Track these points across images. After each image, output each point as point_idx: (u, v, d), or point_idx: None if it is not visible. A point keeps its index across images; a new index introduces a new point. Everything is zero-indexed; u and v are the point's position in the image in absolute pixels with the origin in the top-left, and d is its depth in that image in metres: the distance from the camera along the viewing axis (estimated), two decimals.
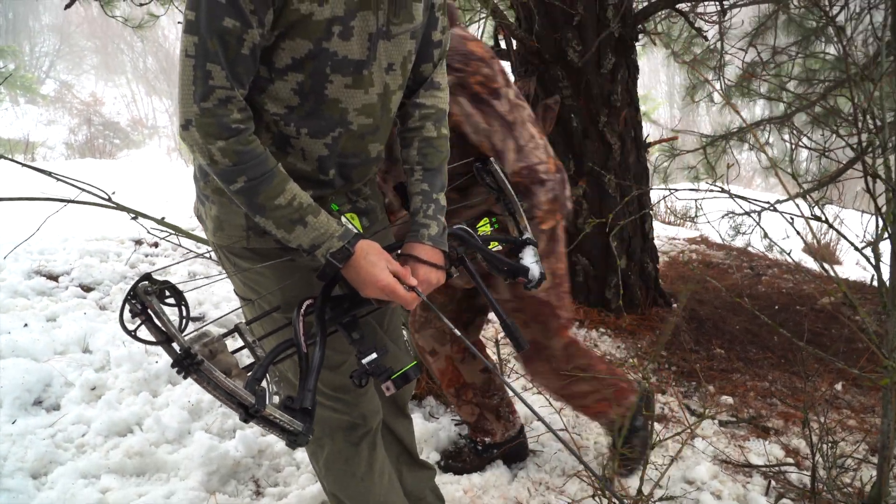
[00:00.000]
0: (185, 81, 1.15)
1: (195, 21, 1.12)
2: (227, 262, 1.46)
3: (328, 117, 1.30)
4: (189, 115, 1.16)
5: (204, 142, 1.16)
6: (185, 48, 1.14)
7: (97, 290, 3.62)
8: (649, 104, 19.86)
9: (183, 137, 1.19)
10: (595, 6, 3.44)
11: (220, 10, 1.11)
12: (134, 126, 30.23)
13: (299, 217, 1.23)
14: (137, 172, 9.30)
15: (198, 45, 1.13)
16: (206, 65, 1.13)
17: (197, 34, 1.12)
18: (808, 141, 5.63)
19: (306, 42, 1.20)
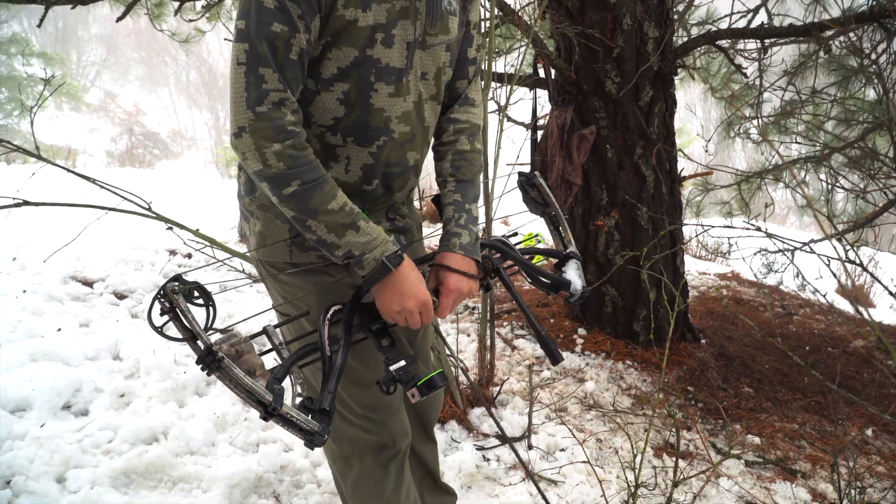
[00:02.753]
0: (237, 89, 1.17)
1: (245, 29, 1.16)
2: (269, 276, 1.48)
3: (373, 126, 1.32)
4: (242, 122, 1.17)
5: (258, 146, 1.17)
6: (236, 57, 1.17)
7: (130, 297, 3.68)
8: (684, 138, 19.73)
9: (235, 146, 1.20)
10: (635, 39, 3.46)
11: (269, 15, 1.15)
12: (173, 137, 30.83)
13: (351, 221, 1.24)
14: (175, 183, 9.47)
15: (249, 52, 1.16)
16: (258, 69, 1.16)
17: (248, 41, 1.16)
18: (845, 182, 5.57)
19: (352, 49, 1.24)
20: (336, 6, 1.20)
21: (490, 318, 2.95)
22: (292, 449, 2.43)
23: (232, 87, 1.18)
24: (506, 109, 3.00)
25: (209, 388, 2.79)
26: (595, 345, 3.69)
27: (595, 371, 3.43)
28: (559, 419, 2.85)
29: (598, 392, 3.21)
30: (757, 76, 5.28)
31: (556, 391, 3.20)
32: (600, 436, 2.81)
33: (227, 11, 5.40)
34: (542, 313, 4.16)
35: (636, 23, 3.43)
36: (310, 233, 1.24)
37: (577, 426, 2.88)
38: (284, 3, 1.15)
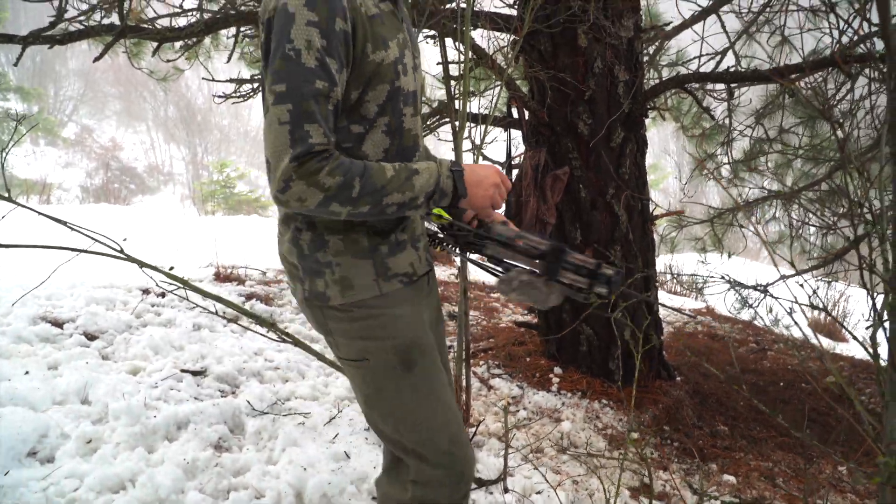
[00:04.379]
0: (280, 147, 1.23)
1: (287, 91, 1.22)
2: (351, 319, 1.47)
3: (408, 146, 1.47)
4: (287, 174, 1.23)
5: (310, 182, 1.23)
6: (277, 117, 1.23)
7: (101, 338, 3.62)
8: (658, 173, 20.11)
9: (286, 199, 1.25)
10: (606, 82, 3.53)
11: (312, 74, 1.23)
12: (150, 172, 30.73)
13: (409, 171, 1.34)
14: (150, 219, 9.40)
15: (293, 111, 1.22)
16: (303, 126, 1.23)
17: (290, 101, 1.22)
18: (815, 217, 5.68)
19: (385, 85, 1.36)
20: (366, 53, 1.31)
21: (466, 357, 2.95)
22: (263, 496, 2.39)
23: (272, 146, 1.24)
24: (481, 148, 3.04)
25: (180, 432, 2.74)
26: (571, 384, 3.69)
27: (571, 411, 3.42)
28: (534, 463, 2.83)
29: (574, 432, 3.20)
30: (726, 116, 5.41)
31: (533, 431, 3.19)
32: (577, 478, 2.79)
33: (206, 50, 5.44)
34: (518, 352, 4.16)
35: (607, 67, 3.51)
36: (390, 208, 1.32)
37: (553, 468, 2.86)
38: (325, 60, 1.24)
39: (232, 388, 3.31)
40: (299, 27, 1.23)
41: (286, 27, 1.23)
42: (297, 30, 1.23)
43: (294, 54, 1.22)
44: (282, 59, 1.23)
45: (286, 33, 1.23)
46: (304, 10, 1.23)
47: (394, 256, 1.46)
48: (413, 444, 1.50)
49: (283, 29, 1.24)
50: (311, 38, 1.23)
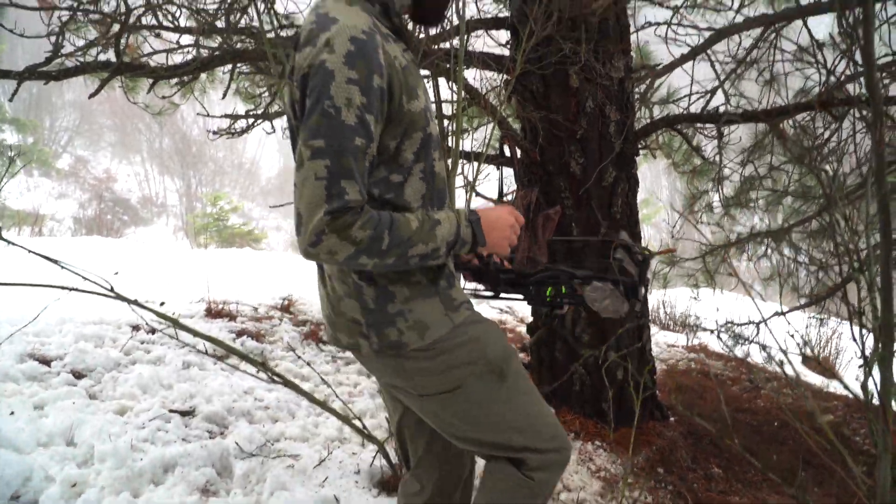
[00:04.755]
0: (315, 201, 1.25)
1: (325, 147, 1.25)
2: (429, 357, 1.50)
3: (441, 189, 1.53)
4: (319, 229, 1.25)
5: (342, 236, 1.26)
6: (314, 172, 1.25)
7: (89, 377, 3.58)
8: (651, 208, 20.25)
9: (316, 253, 1.28)
10: (598, 122, 3.57)
11: (351, 131, 1.26)
12: (144, 204, 30.73)
13: (432, 222, 1.38)
14: (142, 252, 9.36)
15: (330, 167, 1.25)
16: (339, 182, 1.25)
17: (328, 157, 1.25)
18: (807, 255, 5.71)
19: (418, 133, 1.41)
20: (402, 104, 1.35)
21: None
22: None
23: (307, 200, 1.25)
24: (475, 185, 3.05)
25: (166, 475, 2.69)
26: (564, 424, 3.65)
27: None
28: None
29: (567, 475, 3.16)
30: (716, 153, 5.46)
31: None
32: None
33: (202, 85, 5.48)
34: None
35: (598, 107, 3.54)
36: (413, 259, 1.36)
37: None
38: (364, 118, 1.26)
39: (221, 428, 3.26)
40: (339, 85, 1.25)
41: (326, 84, 1.25)
42: (338, 87, 1.25)
43: (334, 111, 1.24)
44: (321, 115, 1.25)
45: (326, 90, 1.25)
46: (343, 69, 1.25)
47: (452, 288, 1.53)
48: (523, 441, 1.56)
49: (323, 86, 1.25)
50: (352, 95, 1.25)
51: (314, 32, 1.30)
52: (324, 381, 3.19)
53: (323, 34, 1.28)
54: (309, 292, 6.92)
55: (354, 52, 1.26)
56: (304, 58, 1.30)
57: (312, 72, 1.27)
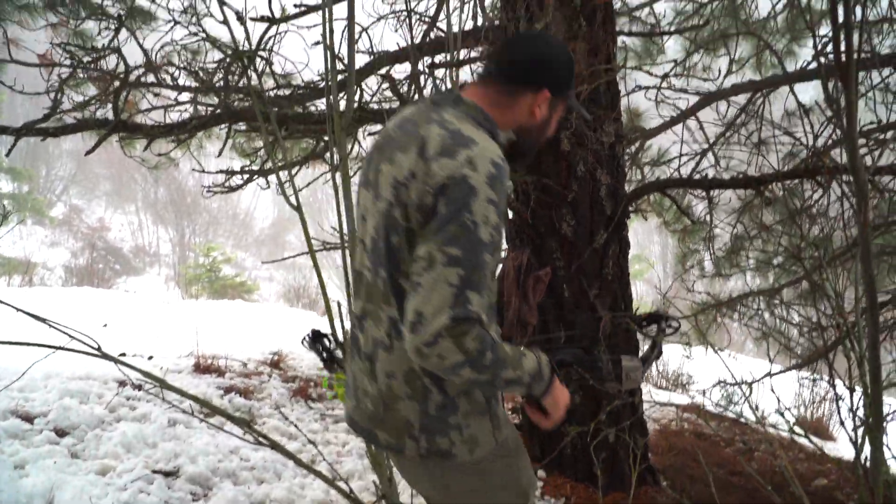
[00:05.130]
0: (441, 305, 1.30)
1: (460, 257, 1.31)
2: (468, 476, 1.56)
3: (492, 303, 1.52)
4: (439, 332, 1.29)
5: (457, 342, 1.30)
6: (446, 279, 1.31)
7: (72, 434, 3.52)
8: (643, 264, 20.34)
9: (426, 354, 1.31)
10: (589, 186, 3.61)
11: (483, 248, 1.33)
12: (136, 253, 30.69)
13: (519, 352, 1.45)
14: (132, 303, 9.31)
15: (462, 277, 1.30)
16: (466, 292, 1.31)
17: (461, 267, 1.31)
18: (798, 315, 5.72)
19: (499, 253, 1.46)
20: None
21: None
22: None
23: (435, 303, 1.30)
24: None
25: None
26: (555, 488, 3.59)
27: None
28: None
29: None
30: (707, 213, 5.53)
31: None
32: None
33: (198, 140, 5.54)
34: None
35: (589, 171, 3.60)
36: (499, 380, 1.39)
37: None
38: (495, 237, 1.36)
39: (204, 490, 3.20)
40: (480, 202, 1.32)
41: (468, 199, 1.32)
42: (479, 204, 1.32)
43: (472, 226, 1.32)
44: (460, 226, 1.31)
45: (467, 205, 1.32)
46: (486, 188, 1.33)
47: (499, 405, 1.59)
48: None
49: (464, 200, 1.32)
50: (489, 214, 1.33)
51: (450, 146, 1.38)
52: (311, 442, 3.14)
53: (463, 150, 1.36)
54: (299, 347, 6.85)
55: (495, 175, 1.35)
56: (440, 167, 1.36)
57: (453, 183, 1.34)
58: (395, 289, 1.46)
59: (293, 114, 3.57)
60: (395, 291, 1.46)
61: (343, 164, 2.54)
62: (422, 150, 1.39)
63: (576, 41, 2.73)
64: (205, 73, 4.31)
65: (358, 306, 1.60)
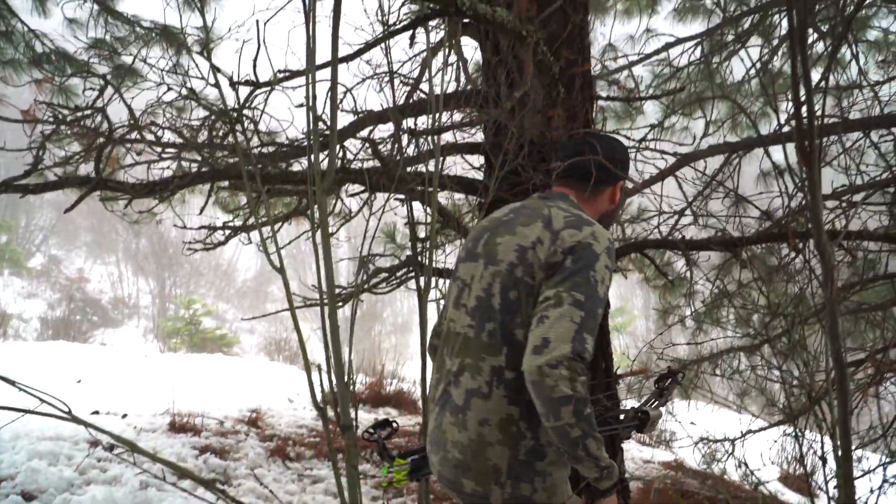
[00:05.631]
0: (566, 336, 1.51)
1: (583, 302, 1.55)
2: None
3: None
4: (561, 359, 1.49)
5: (571, 377, 1.48)
6: (570, 316, 1.53)
7: (39, 499, 3.41)
8: (626, 316, 20.36)
9: (547, 373, 1.49)
10: None
11: (599, 302, 1.59)
12: (115, 305, 30.25)
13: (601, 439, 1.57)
14: (108, 358, 9.15)
15: (584, 318, 1.53)
16: (583, 334, 1.52)
17: (584, 311, 1.54)
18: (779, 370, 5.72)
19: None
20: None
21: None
22: None
23: (562, 333, 1.52)
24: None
25: None
26: None
27: None
28: None
29: None
30: (687, 270, 5.57)
31: None
32: None
33: (181, 195, 5.53)
34: None
35: None
36: (585, 451, 1.53)
37: None
38: (606, 296, 1.64)
39: None
40: (601, 266, 1.62)
41: (592, 260, 1.61)
42: (600, 267, 1.62)
43: (594, 281, 1.59)
44: (585, 279, 1.58)
45: (591, 264, 1.61)
46: (605, 256, 1.64)
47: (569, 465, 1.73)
48: None
49: (589, 260, 1.61)
50: (605, 276, 1.62)
51: (575, 222, 1.69)
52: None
53: (587, 227, 1.68)
54: (278, 403, 6.76)
55: (610, 249, 1.67)
56: (569, 235, 1.66)
57: (580, 247, 1.63)
58: (505, 339, 1.67)
59: (276, 172, 3.59)
60: (506, 341, 1.67)
61: (323, 224, 2.54)
62: (548, 224, 1.70)
63: (554, 108, 2.79)
64: (189, 129, 4.34)
65: (455, 364, 1.76)
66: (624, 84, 5.94)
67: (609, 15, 6.39)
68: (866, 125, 4.23)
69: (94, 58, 4.70)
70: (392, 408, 7.51)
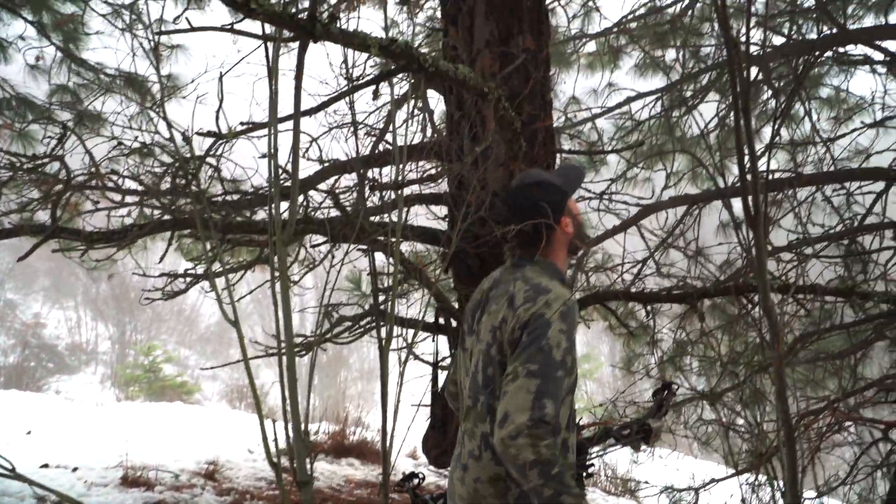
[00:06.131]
0: (523, 407, 1.62)
1: (537, 370, 1.65)
2: None
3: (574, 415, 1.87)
4: (521, 429, 1.59)
5: (533, 443, 1.58)
6: (526, 387, 1.64)
7: None
8: (593, 363, 20.41)
9: (508, 444, 1.60)
10: None
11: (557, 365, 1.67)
12: (72, 350, 29.41)
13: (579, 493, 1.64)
14: (61, 408, 8.85)
15: (539, 386, 1.63)
16: (543, 399, 1.62)
17: (539, 378, 1.64)
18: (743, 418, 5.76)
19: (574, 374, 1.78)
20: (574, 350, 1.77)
21: None
22: None
23: (518, 405, 1.63)
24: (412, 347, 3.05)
25: None
26: None
27: None
28: None
29: None
30: (650, 318, 5.63)
31: None
32: None
33: (143, 241, 5.44)
34: None
35: None
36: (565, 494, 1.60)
37: None
38: (565, 358, 1.70)
39: None
40: (554, 331, 1.70)
41: (544, 329, 1.71)
42: (553, 333, 1.70)
43: (548, 348, 1.68)
44: (538, 349, 1.68)
45: (544, 333, 1.70)
46: (558, 321, 1.72)
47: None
48: None
49: (542, 330, 1.71)
50: (561, 341, 1.70)
51: (531, 295, 1.79)
52: None
53: (542, 296, 1.77)
54: (237, 454, 6.58)
55: (565, 312, 1.73)
56: (525, 310, 1.76)
57: (533, 320, 1.73)
58: (489, 411, 1.81)
59: (238, 221, 3.56)
60: (489, 412, 1.81)
61: (282, 276, 2.52)
62: (510, 302, 1.82)
63: (516, 161, 2.82)
64: (152, 175, 4.29)
65: (466, 426, 1.94)
66: (587, 137, 6.06)
67: (573, 69, 6.56)
68: (818, 180, 4.36)
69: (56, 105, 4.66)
70: (355, 458, 7.36)
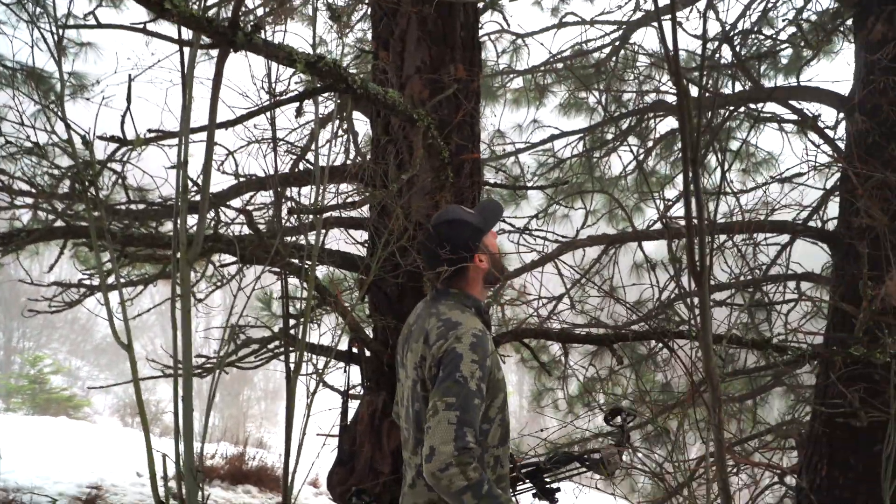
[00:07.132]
0: (447, 439, 1.73)
1: (455, 402, 1.77)
2: None
3: (506, 430, 2.02)
4: (448, 460, 1.71)
5: (461, 470, 1.70)
6: (447, 419, 1.75)
7: None
8: None
9: (439, 478, 1.71)
10: None
11: (473, 395, 1.79)
12: None
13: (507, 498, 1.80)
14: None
15: (459, 417, 1.75)
16: (463, 429, 1.74)
17: (458, 410, 1.76)
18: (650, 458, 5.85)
19: (501, 394, 1.97)
20: (494, 374, 1.91)
21: None
22: None
23: (441, 438, 1.74)
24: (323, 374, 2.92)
25: None
26: None
27: None
28: None
29: None
30: (563, 353, 5.65)
31: None
32: None
33: (34, 247, 5.05)
34: None
35: None
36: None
37: None
38: (480, 386, 1.82)
39: None
40: (466, 363, 1.82)
41: (457, 362, 1.82)
42: (465, 365, 1.82)
43: (462, 380, 1.80)
44: (454, 381, 1.80)
45: (457, 366, 1.82)
46: (469, 353, 1.84)
47: None
48: None
49: (455, 363, 1.82)
50: (473, 371, 1.82)
51: (444, 332, 1.91)
52: None
53: (453, 331, 1.89)
54: (124, 478, 6.17)
55: (475, 343, 1.86)
56: (438, 348, 1.89)
57: (446, 355, 1.85)
58: (417, 443, 1.96)
59: (140, 234, 3.33)
60: (417, 444, 1.96)
61: (184, 297, 2.33)
62: (426, 340, 1.94)
63: (442, 191, 2.75)
64: (50, 178, 4.00)
65: (405, 455, 2.08)
66: (510, 170, 6.09)
67: (499, 103, 6.61)
68: (730, 229, 4.51)
69: None
70: (252, 485, 7.05)
